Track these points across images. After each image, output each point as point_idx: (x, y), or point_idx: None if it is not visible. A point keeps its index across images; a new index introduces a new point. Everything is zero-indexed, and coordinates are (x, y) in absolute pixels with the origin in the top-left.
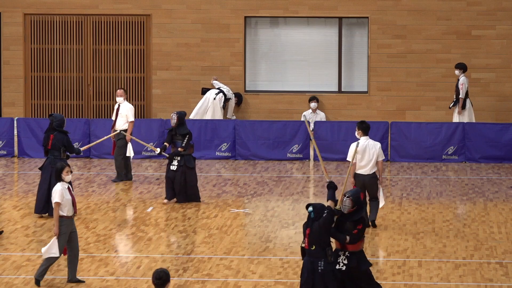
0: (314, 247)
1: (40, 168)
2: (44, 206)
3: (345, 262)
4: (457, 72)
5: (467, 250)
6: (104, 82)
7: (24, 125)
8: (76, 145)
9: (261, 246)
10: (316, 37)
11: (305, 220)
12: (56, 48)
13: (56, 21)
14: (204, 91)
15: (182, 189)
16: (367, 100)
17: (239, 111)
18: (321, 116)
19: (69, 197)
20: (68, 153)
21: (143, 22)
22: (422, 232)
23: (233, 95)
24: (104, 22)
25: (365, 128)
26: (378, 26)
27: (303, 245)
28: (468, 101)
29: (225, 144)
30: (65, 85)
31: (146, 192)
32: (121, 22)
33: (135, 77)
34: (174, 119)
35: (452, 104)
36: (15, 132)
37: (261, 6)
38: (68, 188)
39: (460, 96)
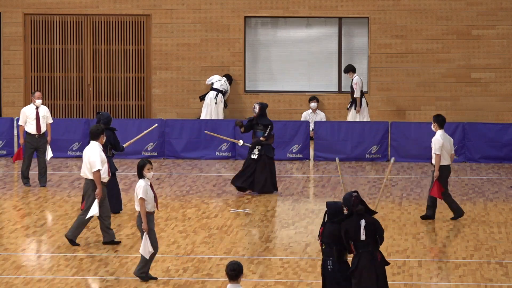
0: (324, 246)
1: None
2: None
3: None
4: (349, 75)
5: (467, 250)
6: (104, 82)
7: None
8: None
9: (261, 246)
10: (316, 37)
11: (305, 220)
12: (56, 48)
13: (56, 21)
14: (202, 97)
15: (261, 178)
16: (367, 100)
17: (239, 111)
18: (321, 116)
19: (152, 193)
20: (113, 151)
21: (143, 22)
22: (422, 232)
23: (226, 82)
24: (104, 22)
25: (441, 121)
26: (378, 26)
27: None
28: (364, 100)
29: (225, 144)
30: (65, 85)
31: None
32: (121, 22)
33: (135, 77)
34: (256, 109)
35: (349, 105)
36: (15, 132)
37: (261, 6)
38: (150, 184)
39: (355, 96)
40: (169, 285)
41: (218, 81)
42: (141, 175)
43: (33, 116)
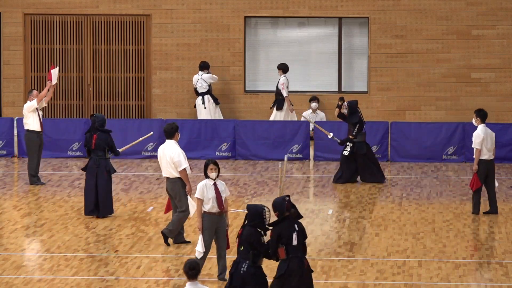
0: (242, 247)
1: (83, 169)
2: (94, 207)
3: None
4: (278, 73)
5: (467, 250)
6: (104, 82)
7: None
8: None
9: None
10: (316, 37)
11: (305, 220)
12: (56, 48)
13: (56, 21)
14: (195, 105)
15: (363, 170)
16: (367, 100)
17: (239, 111)
18: (321, 116)
19: (213, 194)
20: (110, 153)
21: (143, 22)
22: (422, 232)
23: (205, 76)
24: (104, 22)
25: (483, 115)
26: (378, 26)
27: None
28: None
29: (225, 144)
30: (65, 85)
31: (146, 192)
32: (121, 22)
33: (135, 77)
34: (345, 108)
35: (272, 105)
36: (15, 132)
37: (261, 6)
38: (214, 184)
39: (284, 96)
40: (169, 285)
41: (198, 82)
42: (206, 175)
43: (36, 114)
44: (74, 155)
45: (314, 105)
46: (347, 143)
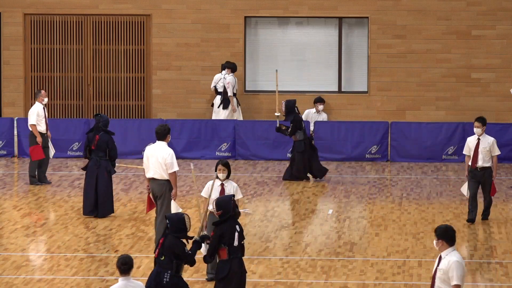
0: (163, 257)
1: (83, 169)
2: (93, 207)
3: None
4: (224, 71)
5: (466, 250)
6: (104, 82)
7: (24, 125)
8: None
9: (261, 246)
10: (316, 37)
11: (305, 220)
12: (56, 48)
13: (56, 21)
14: (212, 104)
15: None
16: (367, 100)
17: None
18: (323, 117)
19: (216, 195)
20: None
21: (143, 22)
22: (422, 232)
23: (227, 76)
24: (104, 22)
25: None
26: (378, 26)
27: (154, 254)
28: (235, 100)
29: (225, 144)
30: (65, 85)
31: (146, 192)
32: (121, 22)
33: (135, 77)
34: (283, 107)
35: (218, 104)
36: (15, 132)
37: (261, 6)
38: (221, 185)
39: (229, 95)
40: None
41: (219, 81)
42: (216, 175)
43: (42, 115)
44: (74, 155)
45: (321, 107)
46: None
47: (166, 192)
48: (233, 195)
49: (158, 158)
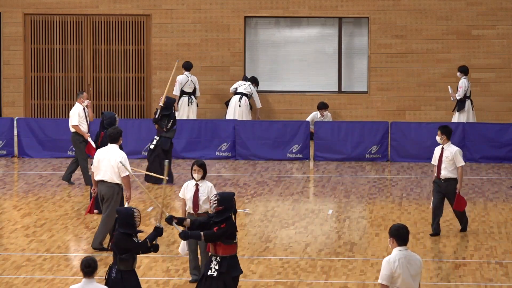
0: (113, 253)
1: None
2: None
3: (216, 267)
4: (185, 72)
5: (467, 250)
6: (104, 82)
7: (24, 125)
8: None
9: (261, 246)
10: (316, 37)
11: (305, 220)
12: (56, 48)
13: (56, 21)
14: (227, 103)
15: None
16: (367, 100)
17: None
18: (328, 118)
19: (191, 195)
20: None
21: (143, 22)
22: (422, 232)
23: (251, 86)
24: (104, 22)
25: (450, 132)
26: (378, 26)
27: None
28: (185, 99)
29: (225, 144)
30: (65, 85)
31: (144, 192)
32: (121, 22)
33: (135, 77)
34: (163, 99)
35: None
36: (15, 132)
37: (261, 6)
38: (196, 185)
39: (174, 93)
40: (169, 285)
41: (242, 85)
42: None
43: (83, 116)
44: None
45: (325, 112)
46: (155, 137)
47: (115, 195)
48: (234, 193)
49: (111, 161)
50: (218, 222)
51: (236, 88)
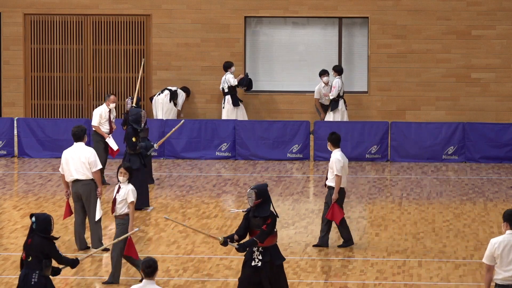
0: (30, 258)
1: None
2: None
3: (260, 257)
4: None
5: (467, 250)
6: (104, 82)
7: (24, 125)
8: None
9: None
10: (316, 37)
11: (305, 220)
12: (56, 48)
13: (56, 21)
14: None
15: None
16: (367, 100)
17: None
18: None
19: (113, 196)
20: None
21: (143, 22)
22: (422, 232)
23: (228, 79)
24: (104, 22)
25: (336, 139)
26: (378, 26)
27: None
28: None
29: (225, 144)
30: (65, 85)
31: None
32: (121, 22)
33: (135, 77)
34: (135, 97)
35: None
36: (15, 132)
37: (261, 6)
38: (119, 187)
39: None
40: (169, 285)
41: (223, 82)
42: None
43: (106, 117)
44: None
45: (326, 79)
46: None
47: (92, 192)
48: (267, 184)
49: (81, 158)
50: (264, 218)
51: (222, 87)
